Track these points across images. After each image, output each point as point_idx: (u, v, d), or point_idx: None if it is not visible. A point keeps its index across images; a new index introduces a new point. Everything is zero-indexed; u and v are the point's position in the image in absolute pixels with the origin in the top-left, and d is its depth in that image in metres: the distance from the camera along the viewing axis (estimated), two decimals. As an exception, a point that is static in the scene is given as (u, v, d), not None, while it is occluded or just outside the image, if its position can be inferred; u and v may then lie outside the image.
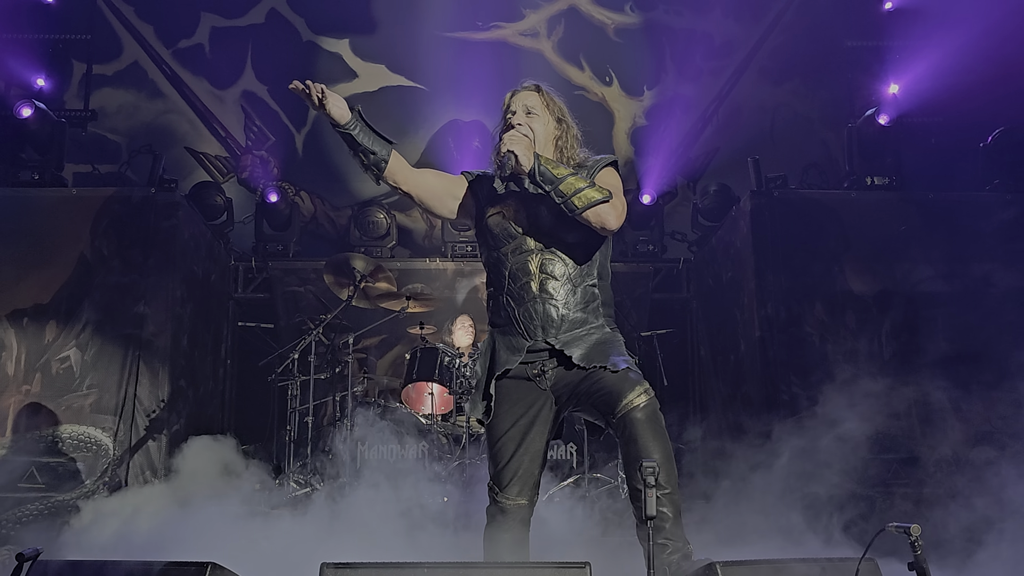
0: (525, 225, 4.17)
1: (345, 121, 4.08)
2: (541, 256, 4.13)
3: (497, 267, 4.23)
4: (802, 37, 11.29)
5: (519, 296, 4.13)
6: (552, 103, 4.29)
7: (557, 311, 4.08)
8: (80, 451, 7.47)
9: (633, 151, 11.20)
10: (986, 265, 7.85)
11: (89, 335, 7.79)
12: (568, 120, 4.32)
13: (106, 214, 8.13)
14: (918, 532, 3.24)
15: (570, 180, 3.97)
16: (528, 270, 4.13)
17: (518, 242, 4.17)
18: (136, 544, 5.61)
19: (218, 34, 11.29)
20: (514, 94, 4.33)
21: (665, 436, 3.89)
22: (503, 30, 11.42)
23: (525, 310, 4.11)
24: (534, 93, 4.30)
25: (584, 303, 4.14)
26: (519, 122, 4.19)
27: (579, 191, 3.95)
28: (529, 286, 4.11)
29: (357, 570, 3.45)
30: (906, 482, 7.28)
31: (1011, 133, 8.64)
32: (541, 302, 4.09)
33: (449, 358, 8.17)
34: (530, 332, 4.10)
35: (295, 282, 10.23)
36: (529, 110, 4.24)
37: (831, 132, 10.96)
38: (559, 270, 4.12)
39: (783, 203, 8.23)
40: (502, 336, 4.20)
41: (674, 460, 3.89)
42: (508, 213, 4.20)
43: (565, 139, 4.29)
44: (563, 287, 4.11)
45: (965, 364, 7.65)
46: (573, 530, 5.21)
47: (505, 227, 4.19)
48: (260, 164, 10.71)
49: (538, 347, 4.10)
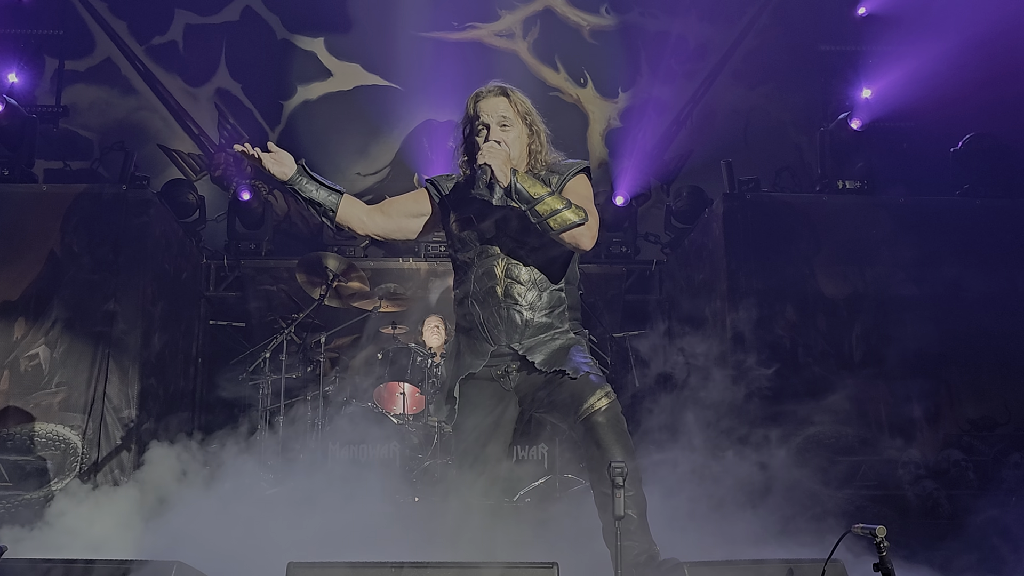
0: (492, 230, 4.17)
1: (288, 177, 4.09)
2: (507, 261, 4.13)
3: (464, 271, 4.24)
4: (776, 41, 11.35)
5: (484, 300, 4.13)
6: (521, 107, 4.23)
7: (521, 316, 4.09)
8: (48, 449, 7.41)
9: (607, 153, 11.22)
10: (956, 269, 7.89)
11: (58, 332, 7.73)
12: (537, 123, 4.27)
13: (77, 211, 8.06)
14: (883, 533, 3.25)
15: (547, 201, 3.92)
16: (494, 274, 4.13)
17: (485, 246, 4.17)
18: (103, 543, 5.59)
19: (192, 31, 11.23)
20: (480, 98, 4.23)
21: (627, 438, 3.92)
22: (479, 31, 11.42)
23: (490, 314, 4.12)
24: (503, 99, 4.22)
25: (550, 308, 4.15)
26: (496, 138, 4.10)
27: (555, 212, 3.92)
28: (494, 291, 4.12)
29: (324, 569, 3.45)
30: (874, 484, 7.32)
31: (981, 138, 8.70)
32: (506, 307, 4.10)
33: (421, 358, 8.17)
34: (494, 337, 4.12)
35: (267, 281, 10.19)
36: (502, 121, 4.16)
37: (804, 136, 11.01)
38: (525, 275, 4.12)
39: (755, 206, 8.25)
40: (467, 339, 4.21)
41: (637, 461, 3.91)
42: (476, 218, 4.19)
43: (537, 143, 4.26)
44: (529, 292, 4.12)
45: (935, 367, 7.71)
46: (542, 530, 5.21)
47: (472, 232, 4.19)
48: (233, 162, 10.67)
49: (502, 351, 4.12)
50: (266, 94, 11.15)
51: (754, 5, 11.46)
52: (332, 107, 11.20)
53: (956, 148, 8.80)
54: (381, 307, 8.70)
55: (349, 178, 10.93)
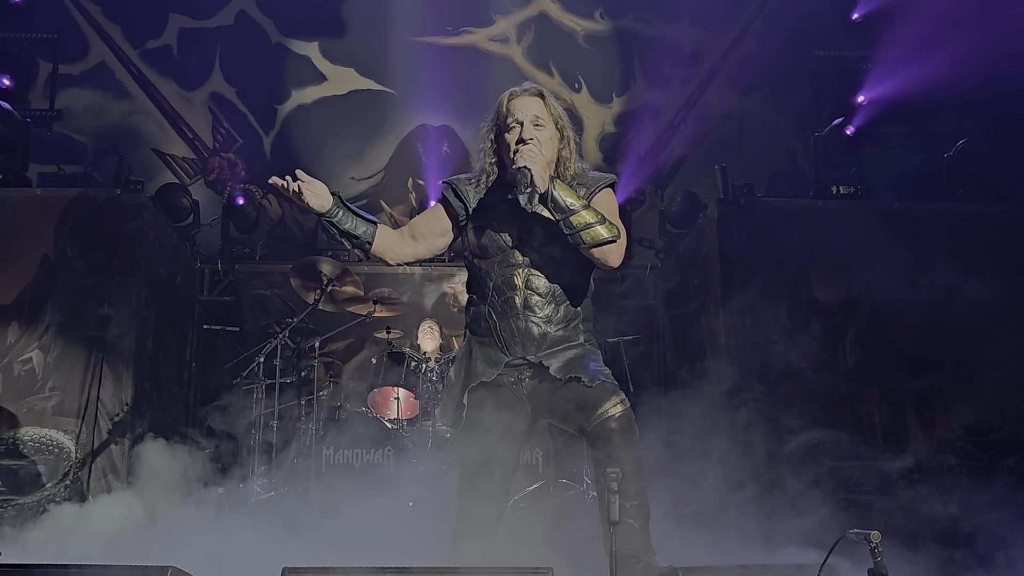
0: (515, 238, 4.09)
1: (326, 210, 4.03)
2: (528, 271, 4.07)
3: (481, 277, 4.16)
4: (770, 46, 11.37)
5: (502, 310, 4.08)
6: (554, 110, 4.14)
7: (539, 328, 4.05)
8: (41, 454, 7.39)
9: (602, 158, 11.22)
10: (949, 274, 7.90)
11: (52, 337, 7.71)
12: (568, 130, 4.17)
13: (70, 215, 8.05)
14: (878, 539, 3.26)
15: (583, 214, 3.88)
16: (513, 284, 4.07)
17: (506, 255, 4.10)
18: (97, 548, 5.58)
19: (186, 35, 11.23)
20: (514, 97, 4.13)
21: (638, 446, 3.90)
22: (473, 35, 11.42)
23: (507, 325, 4.06)
24: (538, 100, 4.12)
25: (566, 321, 4.11)
26: (530, 136, 4.00)
27: (589, 226, 3.88)
28: (513, 301, 4.06)
29: (319, 574, 3.44)
30: (869, 488, 7.32)
31: (974, 144, 8.73)
32: (524, 319, 4.04)
33: (416, 363, 8.15)
34: (510, 348, 4.06)
35: (261, 285, 10.18)
36: (536, 120, 4.06)
37: (798, 141, 11.04)
38: (544, 286, 4.07)
39: (749, 211, 8.25)
40: (480, 347, 4.15)
41: (645, 471, 3.89)
42: (497, 224, 4.10)
43: (567, 150, 4.17)
44: (547, 304, 4.07)
45: (928, 373, 7.72)
46: (538, 535, 5.21)
47: (494, 238, 4.10)
48: (228, 166, 10.66)
49: (516, 361, 4.08)
50: (260, 98, 11.15)
51: (748, 10, 11.48)
52: (326, 111, 11.20)
53: (949, 154, 8.83)
54: (375, 311, 8.68)
55: (343, 182, 10.92)
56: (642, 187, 11.05)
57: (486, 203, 4.17)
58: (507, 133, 4.07)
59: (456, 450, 4.24)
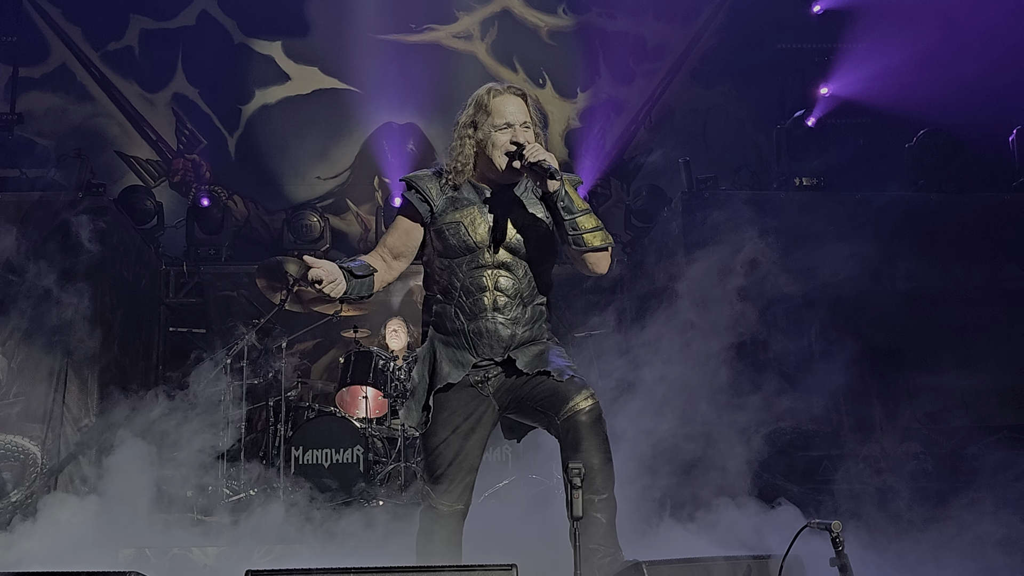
0: (485, 238, 4.04)
1: (345, 292, 3.98)
2: (497, 272, 4.04)
3: (448, 276, 4.09)
4: (733, 40, 11.44)
5: (471, 311, 4.04)
6: (533, 113, 4.13)
7: (508, 330, 4.03)
8: (7, 460, 7.32)
9: (567, 153, 11.25)
10: (913, 264, 7.96)
11: (16, 342, 7.64)
12: (541, 130, 4.14)
13: (32, 219, 7.98)
14: (839, 528, 3.29)
15: (588, 216, 3.93)
16: (483, 285, 4.03)
17: (475, 255, 4.04)
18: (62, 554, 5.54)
19: (148, 36, 11.17)
20: (497, 94, 4.10)
21: (606, 441, 3.90)
22: (437, 32, 11.42)
23: (476, 326, 4.03)
24: (520, 100, 4.11)
25: (533, 321, 4.11)
26: (524, 139, 3.97)
27: (591, 230, 3.93)
28: (482, 302, 4.02)
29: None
30: (834, 478, 7.37)
31: (935, 134, 8.79)
32: (493, 320, 4.01)
33: (383, 361, 8.15)
34: (478, 348, 4.03)
35: (227, 287, 10.13)
36: (525, 124, 4.04)
37: (762, 134, 11.10)
38: (512, 287, 4.05)
39: (714, 204, 8.28)
40: (445, 347, 4.09)
41: (613, 466, 3.89)
42: (467, 224, 4.05)
43: None
44: (516, 306, 4.06)
45: (893, 362, 7.78)
46: (504, 531, 5.22)
47: (463, 239, 4.03)
48: (192, 168, 10.61)
49: (483, 362, 4.06)
50: (224, 99, 11.10)
51: (711, 4, 11.55)
52: (291, 111, 11.17)
53: (911, 144, 8.89)
54: (342, 311, 8.67)
55: (309, 182, 10.90)
56: (608, 182, 11.08)
57: (454, 202, 4.11)
58: (497, 132, 4.03)
59: (421, 450, 4.21)
